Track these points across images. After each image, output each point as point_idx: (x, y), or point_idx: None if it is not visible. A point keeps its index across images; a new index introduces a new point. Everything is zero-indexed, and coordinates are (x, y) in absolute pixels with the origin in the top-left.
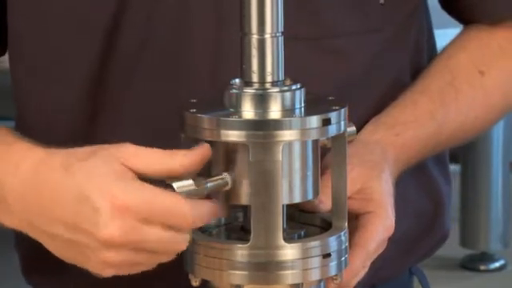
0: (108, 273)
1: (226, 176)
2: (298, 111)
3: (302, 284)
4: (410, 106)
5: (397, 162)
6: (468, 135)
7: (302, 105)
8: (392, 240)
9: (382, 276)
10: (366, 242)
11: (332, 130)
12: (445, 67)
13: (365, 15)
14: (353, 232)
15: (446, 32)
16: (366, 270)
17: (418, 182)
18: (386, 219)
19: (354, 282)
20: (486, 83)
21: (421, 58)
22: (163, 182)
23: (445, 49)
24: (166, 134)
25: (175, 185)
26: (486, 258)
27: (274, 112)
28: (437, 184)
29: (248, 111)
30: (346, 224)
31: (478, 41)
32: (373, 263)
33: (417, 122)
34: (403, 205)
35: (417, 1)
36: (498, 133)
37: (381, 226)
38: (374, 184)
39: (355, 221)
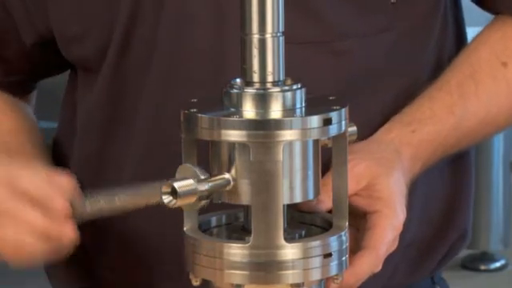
0: None
1: (227, 176)
2: (298, 111)
3: (303, 284)
4: (427, 102)
5: (415, 160)
6: (491, 130)
7: (303, 104)
8: (402, 246)
9: (395, 282)
10: (375, 245)
11: (333, 129)
12: (466, 61)
13: (374, 15)
14: (361, 232)
15: (474, 30)
16: (377, 271)
17: (427, 186)
18: (394, 218)
19: (358, 283)
20: (510, 75)
21: (443, 56)
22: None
23: (469, 43)
24: (175, 137)
25: (176, 184)
26: (487, 257)
27: (275, 112)
28: (447, 186)
29: (249, 111)
30: (347, 224)
31: (502, 33)
32: (383, 270)
33: (434, 117)
34: (412, 209)
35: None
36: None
37: (389, 227)
38: (381, 181)
39: (363, 220)
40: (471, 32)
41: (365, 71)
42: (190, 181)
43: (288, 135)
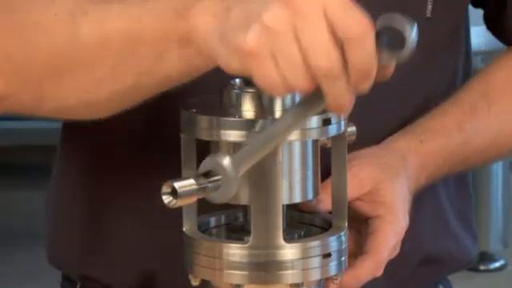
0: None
1: None
2: None
3: (302, 284)
4: (439, 116)
5: (421, 170)
6: (503, 151)
7: None
8: (418, 258)
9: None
10: (377, 250)
11: (332, 129)
12: (480, 83)
13: None
14: (363, 236)
15: (474, 30)
16: (378, 275)
17: (444, 200)
18: (396, 224)
19: (358, 286)
20: None
21: (456, 77)
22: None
23: (484, 67)
24: None
25: (176, 184)
26: (486, 257)
27: (275, 112)
28: (449, 214)
29: (248, 111)
30: (346, 224)
31: None
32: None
33: (444, 130)
34: (437, 225)
35: (461, 17)
36: None
37: (391, 232)
38: (385, 186)
39: (365, 224)
40: (472, 32)
41: (394, 83)
42: (191, 181)
43: None
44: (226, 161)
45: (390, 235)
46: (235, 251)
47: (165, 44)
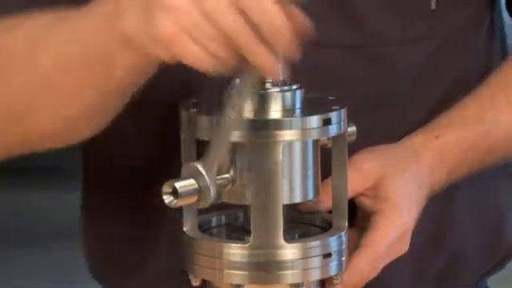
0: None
1: (227, 176)
2: (298, 111)
3: (302, 284)
4: (456, 111)
5: (438, 166)
6: None
7: (303, 105)
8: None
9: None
10: (373, 242)
11: (332, 129)
12: (498, 76)
13: (413, 22)
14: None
15: None
16: (377, 272)
17: (474, 196)
18: (396, 220)
19: (361, 284)
20: None
21: (491, 61)
22: None
23: (507, 60)
24: None
25: (177, 184)
26: None
27: (275, 112)
28: (499, 198)
29: (248, 111)
30: (347, 224)
31: None
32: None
33: (462, 123)
34: (460, 218)
35: (476, 4)
36: None
37: (390, 226)
38: (388, 182)
39: (368, 221)
40: None
41: (403, 78)
42: (191, 181)
43: (287, 135)
44: (201, 168)
45: (388, 228)
46: (235, 251)
47: (110, 51)
